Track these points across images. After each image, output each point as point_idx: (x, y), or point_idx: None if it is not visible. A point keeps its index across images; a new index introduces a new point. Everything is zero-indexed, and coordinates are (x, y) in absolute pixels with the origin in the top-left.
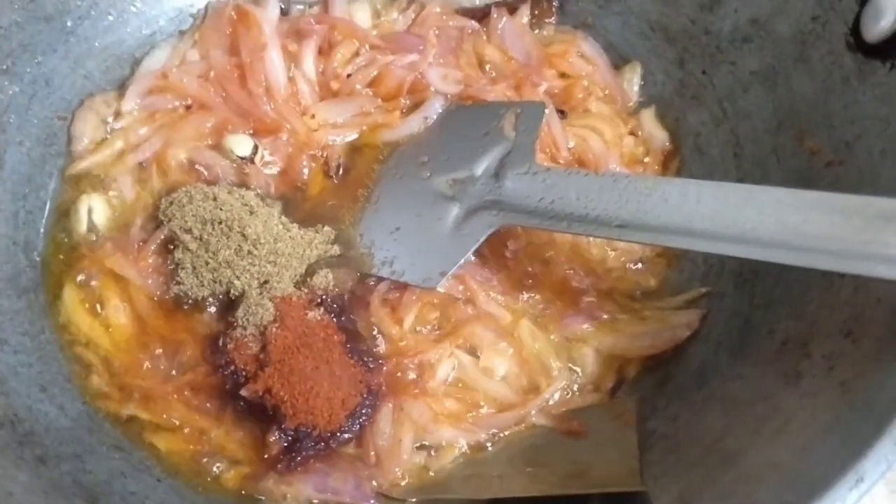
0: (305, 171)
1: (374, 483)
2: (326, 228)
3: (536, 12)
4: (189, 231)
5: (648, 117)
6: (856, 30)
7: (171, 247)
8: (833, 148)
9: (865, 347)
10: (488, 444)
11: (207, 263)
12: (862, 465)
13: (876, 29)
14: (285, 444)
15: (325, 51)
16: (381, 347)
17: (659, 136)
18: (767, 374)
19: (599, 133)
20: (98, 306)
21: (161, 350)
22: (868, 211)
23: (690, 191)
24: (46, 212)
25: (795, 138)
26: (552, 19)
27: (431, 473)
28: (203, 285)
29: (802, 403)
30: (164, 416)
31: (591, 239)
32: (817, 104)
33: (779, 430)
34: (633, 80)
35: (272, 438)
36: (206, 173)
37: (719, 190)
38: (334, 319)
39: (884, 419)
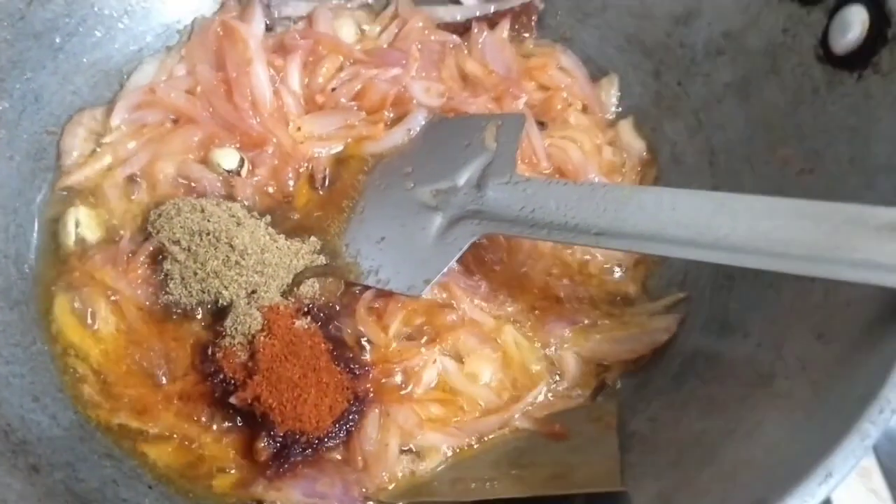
0: (291, 182)
1: (362, 488)
2: (312, 239)
3: (516, 26)
4: (177, 242)
5: (626, 128)
6: (825, 42)
7: (161, 258)
8: (804, 157)
9: (836, 348)
10: (473, 447)
11: (196, 274)
12: (831, 461)
13: (844, 41)
14: (274, 451)
15: (309, 65)
16: (368, 354)
17: (636, 145)
18: (742, 376)
19: (578, 143)
20: (88, 317)
21: (151, 360)
22: (836, 217)
23: (665, 199)
24: (36, 225)
25: (768, 147)
26: (531, 33)
27: (418, 477)
28: (192, 295)
29: (776, 403)
30: (154, 424)
31: (571, 247)
32: (788, 114)
33: (753, 429)
34: (610, 92)
35: (261, 445)
36: (193, 186)
37: (693, 197)
38: (321, 328)
39: (852, 417)
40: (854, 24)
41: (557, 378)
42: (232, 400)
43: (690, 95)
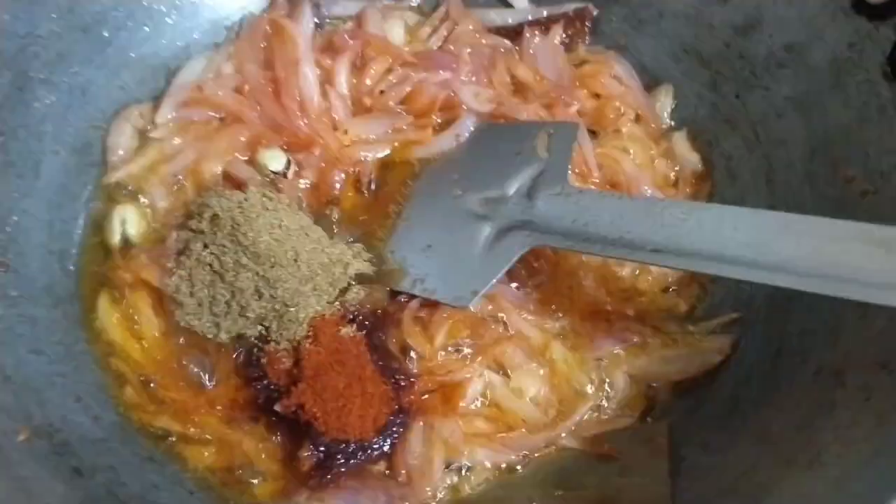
0: (337, 186)
1: (405, 502)
2: (358, 245)
3: (570, 32)
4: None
5: (680, 140)
6: (893, 59)
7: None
8: (868, 177)
9: None
10: (518, 466)
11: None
12: None
13: None
14: (317, 460)
15: (358, 66)
16: (413, 365)
17: (691, 159)
18: (801, 404)
19: (631, 154)
20: (132, 317)
21: (194, 362)
22: None
23: (727, 217)
24: (81, 221)
25: (830, 166)
26: (585, 40)
27: (461, 494)
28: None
29: (837, 435)
30: (197, 428)
31: (621, 262)
32: (852, 133)
33: (812, 461)
34: (665, 103)
35: (305, 454)
36: (239, 186)
37: (756, 218)
38: (366, 336)
39: None
40: None
41: (605, 397)
42: (276, 407)
43: (749, 109)
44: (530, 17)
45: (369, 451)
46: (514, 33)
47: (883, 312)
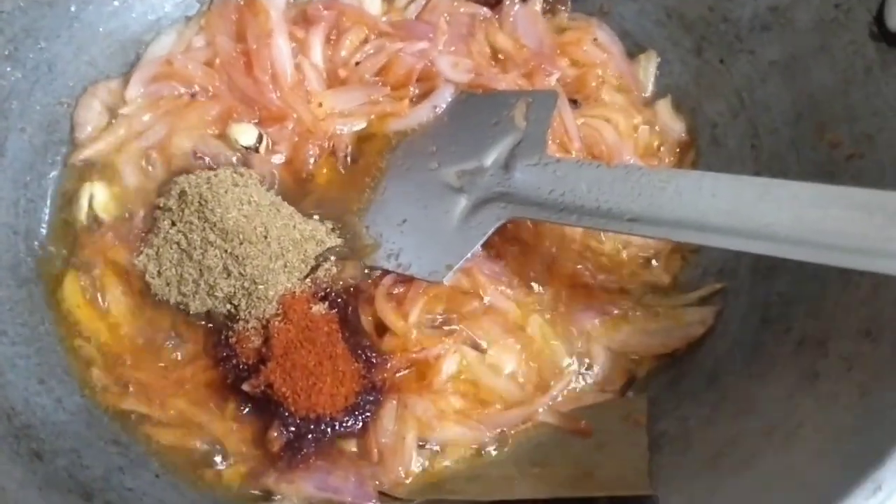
0: (312, 160)
1: (377, 482)
2: (330, 221)
3: None
4: (176, 238)
5: (664, 107)
6: (880, 18)
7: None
8: (854, 140)
9: (884, 348)
10: (494, 443)
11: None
12: (880, 474)
13: None
14: (287, 441)
15: (333, 38)
16: (387, 342)
17: (675, 126)
18: (783, 375)
19: (613, 123)
20: (98, 297)
21: (161, 343)
22: (890, 206)
23: (706, 184)
24: (48, 200)
25: (815, 130)
26: (566, 6)
27: (435, 472)
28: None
29: (819, 405)
30: (164, 410)
31: (603, 233)
32: (838, 95)
33: (793, 433)
34: (648, 69)
35: (274, 434)
36: (210, 162)
37: (736, 184)
38: (338, 313)
39: None
40: None
41: (585, 371)
42: (244, 387)
43: (733, 74)
44: None
45: (340, 431)
46: (493, 1)
47: (866, 279)
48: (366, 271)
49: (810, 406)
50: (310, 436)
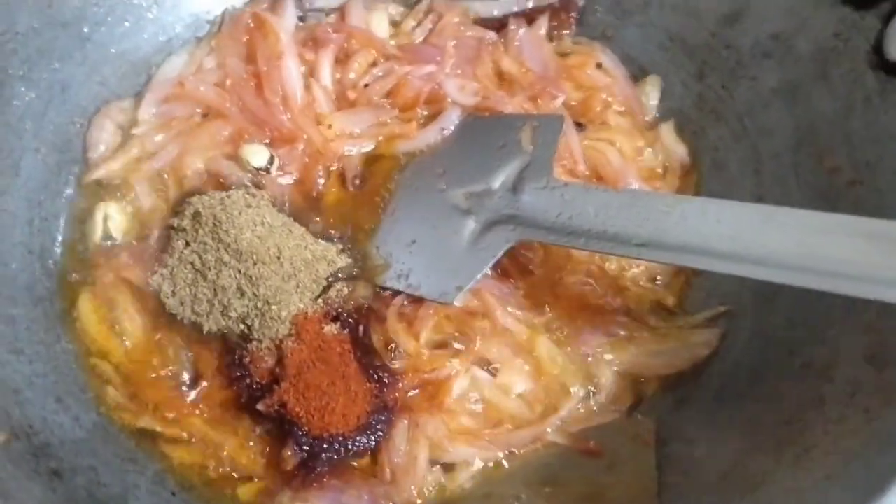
0: (321, 181)
1: (390, 501)
2: (341, 242)
3: (555, 23)
4: (191, 259)
5: (667, 131)
6: (878, 48)
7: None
8: (854, 167)
9: (889, 374)
10: (505, 463)
11: (203, 293)
12: (888, 500)
13: None
14: (300, 460)
15: (341, 60)
16: (398, 362)
17: (677, 150)
18: (788, 397)
19: (617, 146)
20: (113, 316)
21: (176, 362)
22: (892, 234)
23: (710, 210)
24: (62, 219)
25: (815, 156)
26: (571, 31)
27: (447, 492)
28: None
29: (826, 429)
30: (179, 428)
31: (608, 256)
32: (838, 122)
33: (800, 456)
34: (651, 93)
35: (288, 453)
36: (221, 182)
37: (740, 210)
38: (350, 333)
39: None
40: None
41: (592, 392)
42: (258, 406)
43: (735, 99)
44: (515, 9)
45: (353, 449)
46: (499, 25)
47: (870, 306)
48: (377, 291)
49: (819, 430)
50: (323, 455)
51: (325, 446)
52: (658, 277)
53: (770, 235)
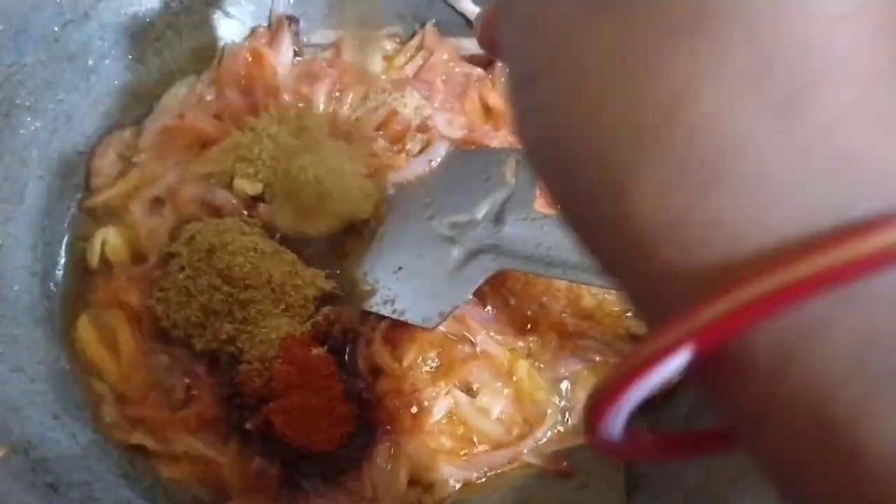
0: None
1: None
2: (329, 268)
3: None
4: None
5: None
6: None
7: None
8: None
9: None
10: (481, 482)
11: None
12: None
13: None
14: (286, 477)
15: (335, 94)
16: (381, 384)
17: None
18: None
19: None
20: (110, 338)
21: (169, 381)
22: None
23: None
24: (64, 244)
25: None
26: None
27: None
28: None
29: None
30: (172, 445)
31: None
32: None
33: (756, 482)
34: None
35: (273, 471)
36: (217, 210)
37: None
38: (336, 356)
39: None
40: None
41: (568, 415)
42: (247, 425)
43: None
44: None
45: (337, 468)
46: (487, 62)
47: None
48: (363, 316)
49: None
50: (308, 473)
51: (309, 465)
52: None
53: None
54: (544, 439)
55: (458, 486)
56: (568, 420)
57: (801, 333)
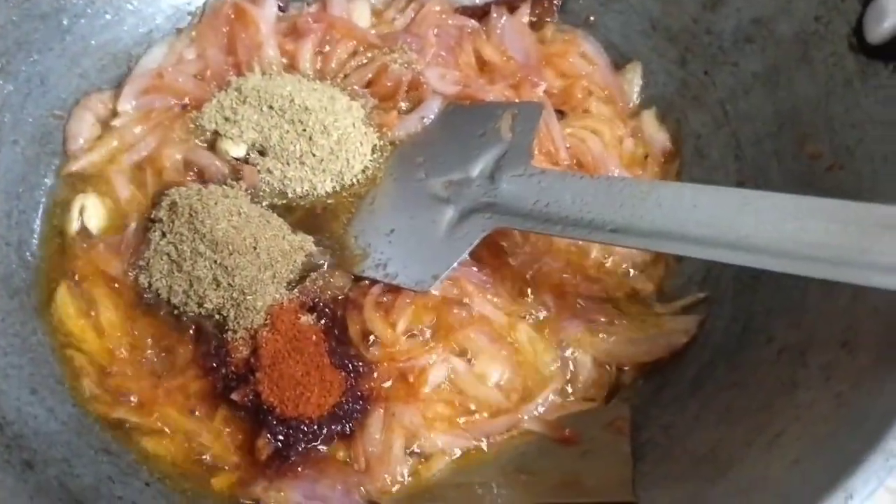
0: None
1: (363, 490)
2: (318, 231)
3: (537, 11)
4: (173, 240)
5: (649, 118)
6: (859, 31)
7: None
8: (834, 152)
9: (861, 358)
10: (480, 451)
11: (181, 272)
12: (851, 483)
13: (879, 30)
14: (275, 449)
15: (322, 50)
16: (374, 351)
17: (659, 137)
18: (764, 384)
19: (599, 134)
20: (90, 308)
21: (152, 352)
22: (865, 218)
23: (686, 195)
24: (41, 211)
25: (796, 142)
26: (553, 18)
27: (422, 480)
28: (176, 295)
29: (797, 414)
30: (154, 418)
31: (587, 243)
32: (819, 107)
33: (771, 442)
34: (633, 80)
35: (262, 443)
36: (200, 173)
37: (715, 195)
38: (326, 323)
39: (875, 434)
40: (890, 13)
41: (570, 380)
42: (233, 396)
43: (717, 85)
44: None
45: (328, 439)
46: (481, 13)
47: (846, 290)
48: (354, 281)
49: (790, 416)
50: (297, 445)
51: (299, 436)
52: (638, 264)
53: (745, 220)
54: (545, 405)
55: (455, 455)
56: (570, 385)
57: None
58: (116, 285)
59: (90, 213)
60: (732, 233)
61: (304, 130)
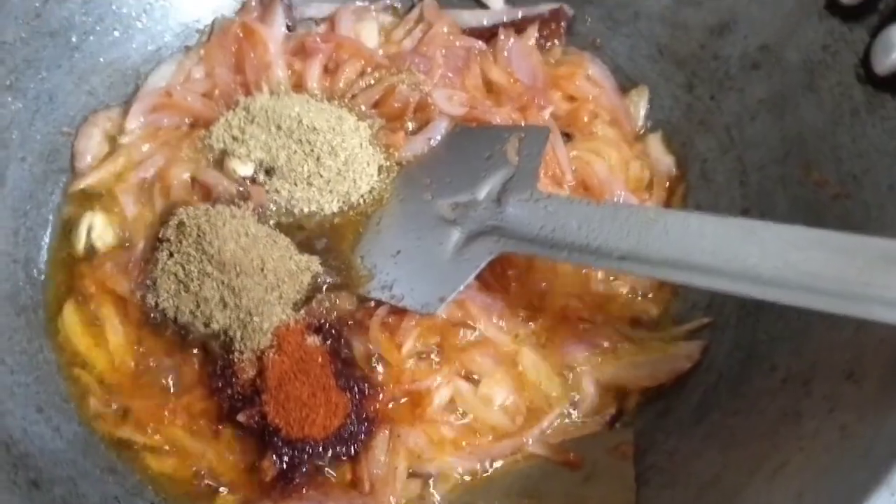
0: None
1: None
2: (325, 252)
3: (545, 33)
4: (181, 261)
5: (655, 142)
6: (866, 61)
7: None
8: (840, 180)
9: (866, 390)
10: (485, 474)
11: (189, 292)
12: None
13: (886, 62)
14: (280, 470)
15: (330, 70)
16: (380, 373)
17: (665, 161)
18: (767, 412)
19: (605, 157)
20: (96, 326)
21: (158, 372)
22: (870, 251)
23: (692, 224)
24: (48, 229)
25: (802, 169)
26: (560, 41)
27: (427, 503)
28: (183, 315)
29: (801, 445)
30: (160, 438)
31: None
32: (825, 135)
33: (776, 471)
34: (640, 104)
35: (266, 464)
36: (208, 192)
37: (722, 224)
38: (332, 345)
39: (881, 468)
40: None
41: (574, 404)
42: (239, 417)
43: (723, 110)
44: (505, 19)
45: (333, 461)
46: (488, 34)
47: (849, 322)
48: (360, 302)
49: (793, 445)
50: (302, 466)
51: (304, 457)
52: (642, 289)
53: (751, 249)
54: (549, 429)
55: (460, 478)
56: (574, 408)
57: None
58: (123, 304)
59: (98, 231)
60: (738, 262)
61: (312, 151)
